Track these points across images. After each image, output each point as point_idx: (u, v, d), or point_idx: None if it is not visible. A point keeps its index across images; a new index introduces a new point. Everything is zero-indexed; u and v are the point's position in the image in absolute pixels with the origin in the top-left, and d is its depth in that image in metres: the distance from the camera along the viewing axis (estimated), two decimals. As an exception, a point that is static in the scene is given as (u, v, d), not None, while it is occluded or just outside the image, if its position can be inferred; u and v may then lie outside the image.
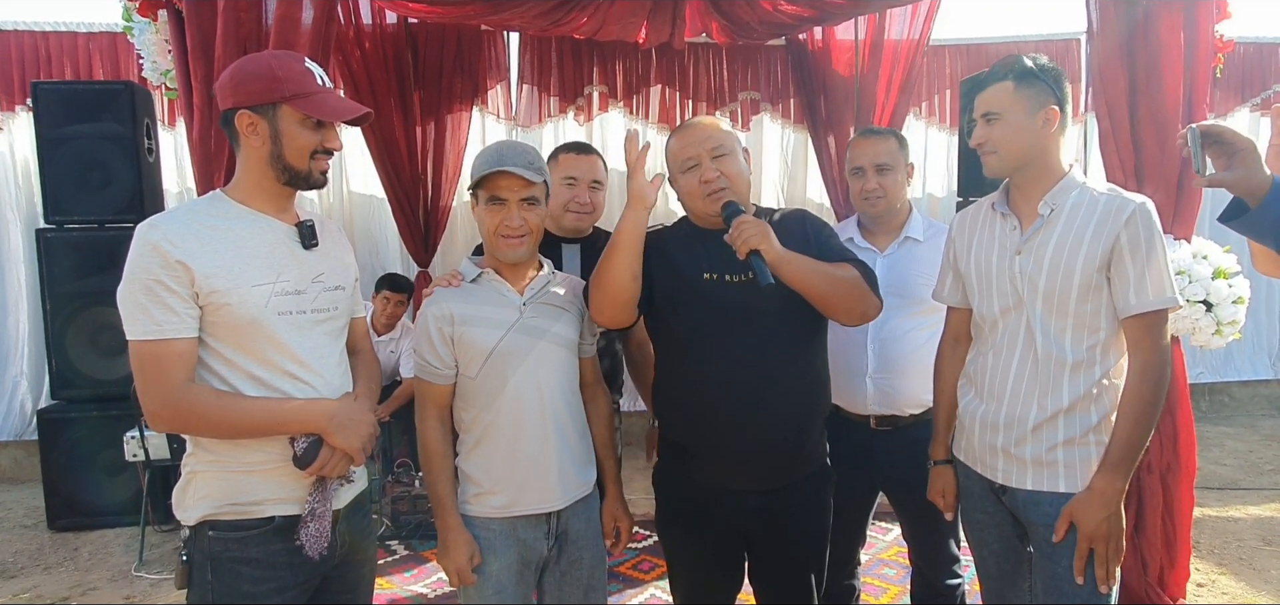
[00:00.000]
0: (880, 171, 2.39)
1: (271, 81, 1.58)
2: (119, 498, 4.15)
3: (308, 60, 1.66)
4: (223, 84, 1.63)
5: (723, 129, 2.00)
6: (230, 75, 1.62)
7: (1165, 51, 2.54)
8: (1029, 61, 1.81)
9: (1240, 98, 5.67)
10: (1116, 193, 1.80)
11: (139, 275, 1.50)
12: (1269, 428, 5.77)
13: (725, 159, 1.95)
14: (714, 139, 1.96)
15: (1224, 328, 2.58)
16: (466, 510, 1.89)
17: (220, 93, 1.63)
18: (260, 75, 1.59)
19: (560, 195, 2.41)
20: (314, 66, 1.65)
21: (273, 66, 1.60)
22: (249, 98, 1.59)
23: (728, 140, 1.97)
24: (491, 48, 5.02)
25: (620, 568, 3.67)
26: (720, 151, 1.95)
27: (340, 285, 1.75)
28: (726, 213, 1.90)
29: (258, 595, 1.60)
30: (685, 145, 1.98)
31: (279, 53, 1.73)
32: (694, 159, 1.96)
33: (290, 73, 1.60)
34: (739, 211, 1.89)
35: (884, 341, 2.36)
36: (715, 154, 1.95)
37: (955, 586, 2.46)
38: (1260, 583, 3.41)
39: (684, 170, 1.98)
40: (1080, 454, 1.79)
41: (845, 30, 4.80)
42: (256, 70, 1.61)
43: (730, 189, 1.94)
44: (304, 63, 1.65)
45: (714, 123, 2.02)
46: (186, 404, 1.53)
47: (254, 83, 1.59)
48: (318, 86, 1.63)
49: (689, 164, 1.97)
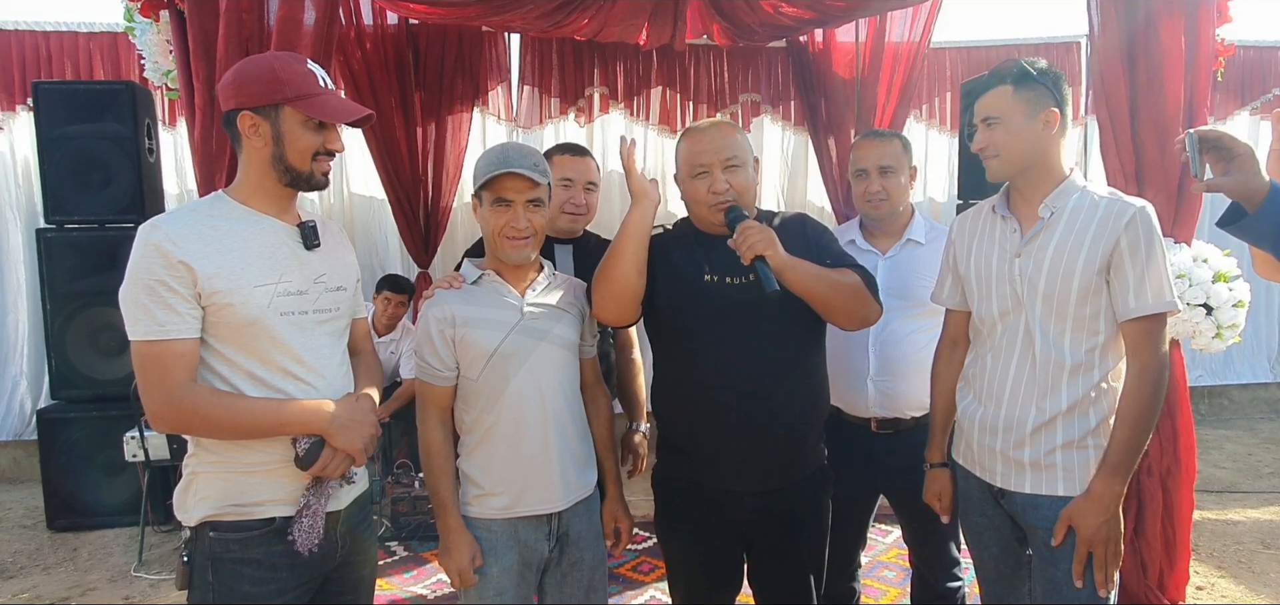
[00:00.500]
0: (883, 174, 2.40)
1: (274, 83, 1.59)
2: (118, 498, 4.15)
3: (310, 62, 1.67)
4: (225, 85, 1.63)
5: (738, 138, 1.99)
6: (232, 76, 1.63)
7: (1166, 55, 2.55)
8: (1028, 65, 1.81)
9: (1241, 101, 5.67)
10: (1117, 196, 1.80)
11: (141, 276, 1.51)
12: (1268, 431, 5.77)
13: (736, 171, 1.95)
14: (728, 149, 1.95)
15: (1224, 331, 2.58)
16: (468, 511, 1.89)
17: (222, 94, 1.63)
18: (262, 77, 1.60)
19: (555, 196, 2.42)
20: (316, 68, 1.65)
21: (275, 68, 1.61)
22: (251, 99, 1.59)
23: (742, 152, 1.97)
24: (492, 49, 5.02)
25: (620, 569, 3.66)
26: (733, 163, 1.95)
27: (342, 286, 1.75)
28: (730, 217, 1.90)
29: (259, 596, 1.60)
30: (699, 151, 1.97)
31: (281, 54, 1.73)
32: (706, 167, 1.95)
33: (292, 74, 1.61)
34: (743, 216, 1.89)
35: (885, 344, 2.36)
36: (727, 165, 1.94)
37: (955, 589, 2.46)
38: (1259, 586, 3.41)
39: (694, 175, 1.97)
40: (1079, 457, 1.79)
41: (846, 33, 4.80)
42: (259, 72, 1.61)
43: (737, 201, 1.94)
44: (306, 64, 1.65)
45: (731, 130, 2.01)
46: (189, 404, 1.53)
47: (256, 84, 1.59)
48: (320, 88, 1.63)
49: (700, 170, 1.96)
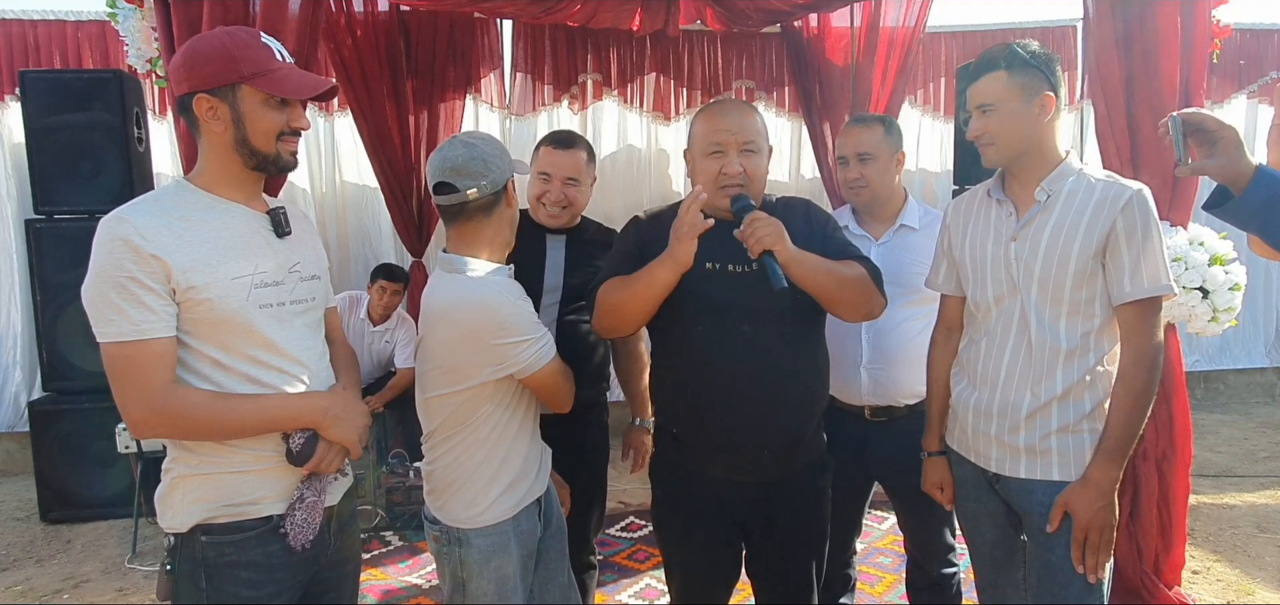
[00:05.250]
0: (862, 161, 2.37)
1: (227, 61, 1.48)
2: (111, 490, 4.13)
3: (264, 35, 1.56)
4: (175, 68, 1.52)
5: (757, 122, 1.96)
6: (182, 58, 1.51)
7: (1162, 38, 2.52)
8: (1021, 49, 1.79)
9: (1237, 84, 5.65)
10: (1114, 179, 1.78)
11: (110, 272, 1.40)
12: (1264, 415, 5.78)
13: (752, 156, 1.92)
14: (747, 132, 1.92)
15: (1220, 315, 2.56)
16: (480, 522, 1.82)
17: (173, 77, 1.53)
18: (214, 56, 1.49)
19: (534, 186, 2.39)
20: (271, 41, 1.55)
21: (227, 45, 1.50)
22: (205, 80, 1.49)
23: (759, 138, 1.94)
24: (485, 36, 4.99)
25: (615, 558, 3.66)
26: (749, 148, 1.92)
27: (316, 274, 1.69)
28: (737, 206, 1.87)
29: (254, 599, 1.54)
30: (716, 129, 1.93)
31: (232, 29, 1.56)
32: (721, 146, 1.91)
33: (247, 51, 1.50)
34: (750, 206, 1.86)
35: (879, 331, 2.34)
36: (744, 149, 1.91)
37: (950, 575, 2.45)
38: (1255, 570, 3.42)
39: (707, 153, 1.94)
40: (1074, 441, 1.78)
41: (840, 17, 4.77)
42: (210, 51, 1.50)
43: (747, 187, 1.91)
44: (260, 38, 1.54)
45: (751, 113, 1.98)
46: (173, 407, 1.44)
47: (208, 64, 1.49)
48: (277, 63, 1.53)
49: (715, 149, 1.92)
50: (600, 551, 3.68)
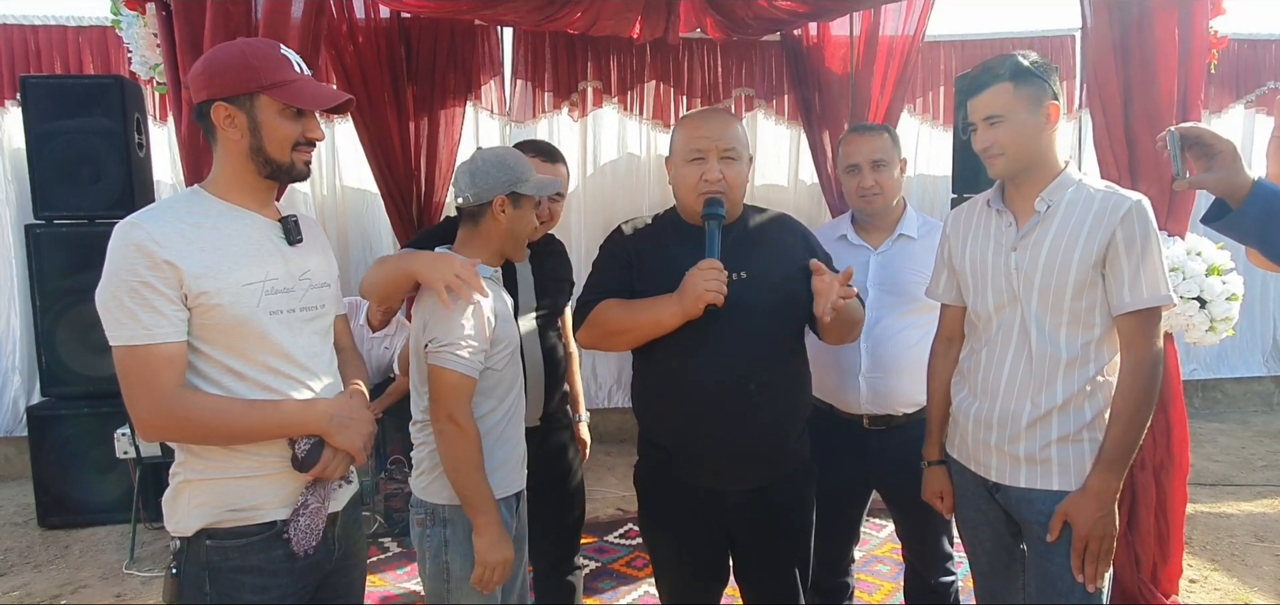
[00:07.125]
0: (876, 168, 2.38)
1: (246, 70, 1.52)
2: (110, 495, 4.12)
3: (283, 47, 1.60)
4: (195, 75, 1.56)
5: (737, 130, 1.99)
6: (203, 66, 1.55)
7: (1160, 48, 2.53)
8: (1023, 59, 1.80)
9: (1235, 94, 5.66)
10: (1113, 190, 1.79)
11: (123, 277, 1.43)
12: (1261, 424, 5.79)
13: (732, 163, 1.95)
14: (727, 139, 1.95)
15: (1218, 324, 2.57)
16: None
17: (193, 85, 1.56)
18: (235, 65, 1.52)
19: None
20: (290, 53, 1.59)
21: (247, 55, 1.54)
22: (223, 88, 1.52)
23: (739, 145, 1.97)
24: (485, 43, 4.99)
25: (614, 564, 3.66)
26: (730, 155, 1.95)
27: (326, 282, 1.71)
28: (707, 210, 1.92)
29: (261, 603, 1.55)
30: (697, 135, 1.96)
31: (253, 41, 1.63)
32: (702, 152, 1.94)
33: (266, 61, 1.54)
34: (721, 213, 1.91)
35: (877, 340, 2.35)
36: (724, 155, 1.94)
37: (949, 584, 2.46)
38: (1253, 579, 3.42)
39: (688, 160, 1.96)
40: (1074, 451, 1.79)
41: (840, 26, 4.78)
42: (230, 59, 1.54)
43: (727, 194, 1.93)
44: (279, 49, 1.58)
45: (731, 120, 2.02)
46: (181, 411, 1.47)
47: (228, 73, 1.52)
48: (295, 74, 1.56)
49: (695, 155, 1.95)
50: (599, 558, 3.70)
